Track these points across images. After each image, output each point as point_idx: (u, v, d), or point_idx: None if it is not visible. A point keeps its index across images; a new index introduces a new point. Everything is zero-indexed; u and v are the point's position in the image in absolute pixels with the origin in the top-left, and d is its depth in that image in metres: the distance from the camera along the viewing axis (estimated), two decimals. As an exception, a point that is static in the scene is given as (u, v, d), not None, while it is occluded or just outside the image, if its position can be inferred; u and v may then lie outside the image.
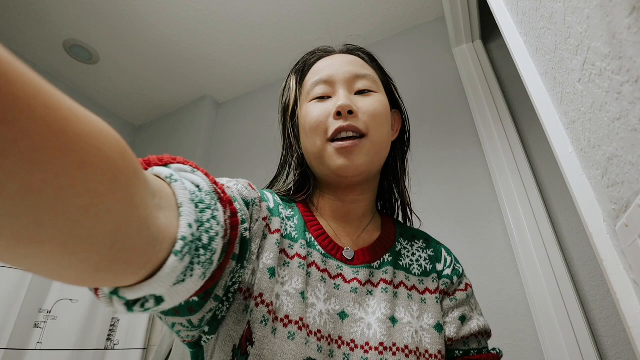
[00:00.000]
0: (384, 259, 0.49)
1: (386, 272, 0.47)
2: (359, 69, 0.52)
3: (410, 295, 0.47)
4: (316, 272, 0.44)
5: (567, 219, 1.13)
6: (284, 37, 1.88)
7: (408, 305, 0.46)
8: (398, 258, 0.50)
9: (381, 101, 0.50)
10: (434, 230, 1.34)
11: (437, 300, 0.48)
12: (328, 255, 0.46)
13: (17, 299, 1.16)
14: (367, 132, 0.47)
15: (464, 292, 0.51)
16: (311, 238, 0.47)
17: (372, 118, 0.48)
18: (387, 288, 0.45)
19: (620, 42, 0.29)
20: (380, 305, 0.44)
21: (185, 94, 2.25)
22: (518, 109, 1.38)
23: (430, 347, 0.43)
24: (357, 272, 0.46)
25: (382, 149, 0.50)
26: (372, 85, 0.51)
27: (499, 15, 0.68)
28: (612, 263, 0.39)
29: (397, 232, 0.55)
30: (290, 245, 0.45)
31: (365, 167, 0.47)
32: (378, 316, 0.43)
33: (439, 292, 0.49)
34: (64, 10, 1.70)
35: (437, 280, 0.50)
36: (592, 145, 0.40)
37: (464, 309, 0.49)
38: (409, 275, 0.49)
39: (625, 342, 0.93)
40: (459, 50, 1.58)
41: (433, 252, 0.54)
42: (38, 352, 1.19)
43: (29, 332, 1.19)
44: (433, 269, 0.51)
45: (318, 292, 0.42)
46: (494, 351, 0.49)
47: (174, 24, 1.79)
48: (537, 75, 0.56)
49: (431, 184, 1.40)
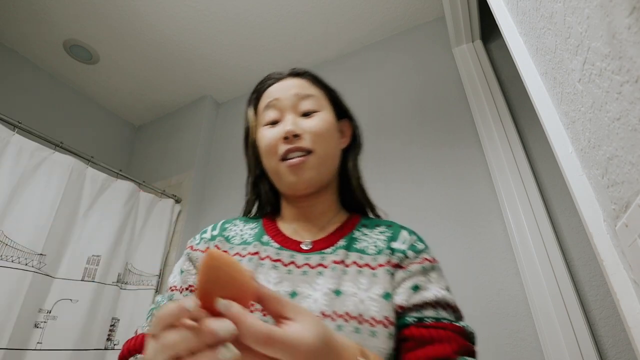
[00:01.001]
0: (337, 244, 0.55)
1: (337, 255, 0.53)
2: (303, 91, 0.60)
3: (360, 272, 0.51)
4: (269, 262, 0.53)
5: (567, 219, 1.13)
6: (284, 37, 1.88)
7: (356, 279, 0.50)
8: (353, 242, 0.56)
9: (324, 119, 0.59)
10: (434, 230, 1.34)
11: (388, 272, 0.51)
12: (283, 248, 0.55)
13: (17, 299, 1.15)
14: (312, 148, 0.55)
15: (420, 265, 0.52)
16: (268, 239, 0.57)
17: (316, 136, 0.56)
18: (336, 267, 0.51)
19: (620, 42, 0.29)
20: (327, 282, 0.49)
21: (185, 94, 2.25)
22: (518, 109, 1.38)
23: (377, 314, 0.46)
24: (308, 258, 0.53)
25: (329, 161, 0.58)
26: (315, 105, 0.59)
27: (499, 15, 0.68)
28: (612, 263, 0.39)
29: (359, 223, 0.60)
30: (245, 248, 0.56)
31: (315, 181, 0.56)
32: (324, 291, 0.48)
33: (391, 265, 0.52)
34: (64, 10, 1.70)
35: (390, 255, 0.53)
36: (592, 145, 0.40)
37: (417, 279, 0.51)
38: (363, 255, 0.54)
39: (625, 342, 0.93)
40: (459, 50, 1.58)
41: (392, 233, 0.58)
42: (38, 352, 1.19)
43: (29, 332, 1.19)
44: (388, 247, 0.55)
45: (269, 277, 0.51)
46: (459, 324, 0.47)
47: (174, 24, 1.79)
48: (537, 75, 0.56)
49: (431, 184, 1.40)
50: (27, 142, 1.31)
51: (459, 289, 1.19)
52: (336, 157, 0.60)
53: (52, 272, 1.29)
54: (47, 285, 1.27)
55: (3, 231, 1.18)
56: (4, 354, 1.10)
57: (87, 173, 1.49)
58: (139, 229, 1.66)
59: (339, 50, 1.97)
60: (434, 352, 0.44)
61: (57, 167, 1.37)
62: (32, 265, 1.21)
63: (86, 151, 1.59)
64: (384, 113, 1.67)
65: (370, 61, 1.88)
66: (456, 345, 0.44)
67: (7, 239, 1.18)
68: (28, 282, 1.19)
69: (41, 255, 1.25)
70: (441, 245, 1.28)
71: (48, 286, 1.27)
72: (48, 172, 1.34)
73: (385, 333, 0.45)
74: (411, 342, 0.45)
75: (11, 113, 1.34)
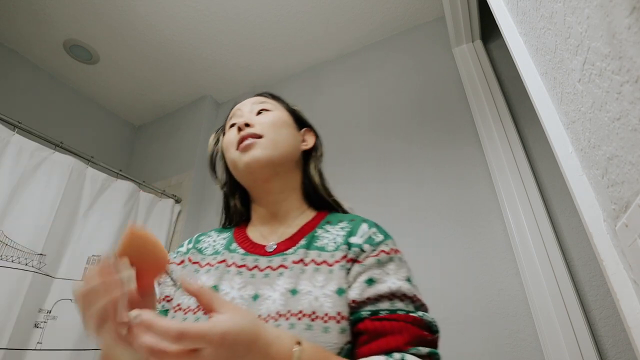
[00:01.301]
0: (299, 244, 0.57)
1: (297, 254, 0.55)
2: (258, 99, 0.69)
3: (317, 269, 0.53)
4: (234, 269, 0.56)
5: (567, 219, 1.13)
6: (284, 37, 1.88)
7: (313, 277, 0.52)
8: (313, 241, 0.57)
9: (277, 115, 0.66)
10: (434, 230, 1.35)
11: (342, 267, 0.52)
12: (248, 254, 0.58)
13: (17, 299, 1.15)
14: (263, 134, 0.61)
15: (375, 258, 0.53)
16: (235, 246, 0.61)
17: (268, 125, 0.63)
18: (294, 267, 0.53)
19: (620, 42, 0.29)
20: (286, 282, 0.51)
21: (185, 94, 2.25)
22: (518, 109, 1.38)
23: (330, 310, 0.47)
24: (271, 261, 0.56)
25: (280, 144, 0.62)
26: (270, 107, 0.67)
27: (499, 15, 0.68)
28: (612, 263, 0.39)
29: (324, 220, 0.62)
30: (215, 257, 0.60)
31: (265, 159, 0.60)
32: (281, 291, 0.50)
33: (347, 260, 0.53)
34: (64, 10, 1.70)
35: (347, 250, 0.54)
36: (592, 145, 0.40)
37: (372, 272, 0.51)
38: (322, 252, 0.55)
39: (625, 342, 0.93)
40: (459, 50, 1.58)
41: (352, 227, 0.58)
42: (38, 352, 1.19)
43: (29, 332, 1.19)
44: (345, 242, 0.56)
45: (234, 283, 0.54)
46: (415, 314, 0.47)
47: (174, 24, 1.79)
48: (537, 75, 0.56)
49: (431, 184, 1.40)
50: (27, 142, 1.31)
51: (459, 289, 1.19)
52: (291, 147, 0.64)
53: (52, 272, 1.29)
54: (47, 285, 1.27)
55: (3, 231, 1.18)
56: (4, 354, 1.10)
57: (87, 173, 1.49)
58: (139, 229, 1.65)
59: (339, 50, 1.97)
60: (385, 344, 0.44)
61: (57, 167, 1.37)
62: (32, 265, 1.21)
63: (86, 151, 1.59)
64: (384, 113, 1.67)
65: (370, 61, 1.88)
66: (408, 336, 0.45)
67: (7, 239, 1.18)
68: (28, 282, 1.19)
69: (41, 255, 1.25)
70: (441, 245, 1.28)
71: (48, 286, 1.27)
72: (48, 172, 1.34)
73: (337, 328, 0.46)
74: (365, 336, 0.46)
75: (11, 113, 1.34)
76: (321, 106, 1.89)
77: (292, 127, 0.68)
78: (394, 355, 0.42)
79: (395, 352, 0.43)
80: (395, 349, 0.43)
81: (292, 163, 0.65)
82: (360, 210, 0.68)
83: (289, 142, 0.65)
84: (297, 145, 0.67)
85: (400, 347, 0.44)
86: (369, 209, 1.50)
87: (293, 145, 0.66)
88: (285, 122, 0.66)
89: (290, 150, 0.64)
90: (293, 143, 0.66)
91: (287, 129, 0.66)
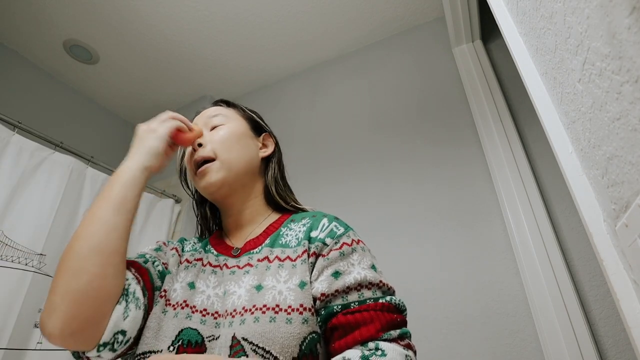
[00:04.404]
0: (264, 243, 0.60)
1: (262, 253, 0.58)
2: (214, 112, 0.72)
3: (281, 265, 0.55)
4: (209, 268, 0.61)
5: (567, 219, 1.13)
6: (284, 37, 1.88)
7: (277, 273, 0.54)
8: (277, 239, 0.60)
9: (230, 128, 0.68)
10: (434, 230, 1.35)
11: (304, 262, 0.54)
12: (220, 255, 0.63)
13: (17, 299, 1.15)
14: (215, 156, 0.64)
15: (338, 251, 0.54)
16: (209, 248, 0.65)
17: (220, 144, 0.65)
18: (259, 265, 0.56)
19: (620, 42, 0.29)
20: (251, 279, 0.54)
21: (185, 94, 2.24)
22: (518, 109, 1.38)
23: (293, 302, 0.49)
24: (238, 261, 0.59)
25: (235, 162, 0.65)
26: (223, 120, 0.69)
27: (499, 15, 0.68)
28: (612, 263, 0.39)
29: (288, 219, 0.65)
30: (192, 254, 0.64)
31: (221, 182, 0.63)
32: (247, 287, 0.53)
33: (310, 254, 0.55)
34: (64, 10, 1.70)
35: (308, 245, 0.56)
36: (592, 145, 0.40)
37: (337, 265, 0.53)
38: (285, 249, 0.58)
39: (625, 342, 0.93)
40: (459, 50, 1.58)
41: (312, 223, 0.60)
42: (38, 352, 1.19)
43: (29, 332, 1.19)
44: (306, 237, 0.58)
45: (208, 282, 0.58)
46: (383, 300, 0.50)
47: (174, 24, 1.79)
48: (537, 75, 0.56)
49: (431, 183, 1.40)
50: (27, 142, 1.31)
51: (459, 289, 1.19)
52: (246, 161, 0.67)
53: (52, 272, 1.29)
54: (47, 285, 1.26)
55: (3, 231, 1.18)
56: (4, 354, 1.09)
57: (87, 173, 1.49)
58: (139, 228, 1.66)
59: (339, 50, 1.97)
60: (359, 335, 0.46)
61: (57, 167, 1.37)
62: (32, 265, 1.21)
63: (86, 151, 1.59)
64: (384, 113, 1.67)
65: (370, 61, 1.88)
66: (379, 324, 0.47)
67: (7, 239, 1.18)
68: (28, 282, 1.19)
69: (41, 255, 1.25)
70: (441, 245, 1.28)
71: (48, 286, 1.27)
72: (48, 172, 1.34)
73: (300, 319, 0.48)
74: (340, 330, 0.48)
75: (11, 113, 1.34)
76: (321, 106, 1.89)
77: (248, 137, 0.70)
78: (368, 344, 0.45)
79: (370, 342, 0.46)
80: (368, 339, 0.46)
81: (251, 174, 0.68)
82: (360, 210, 0.68)
83: (245, 157, 0.67)
84: (254, 156, 0.69)
85: (373, 335, 0.46)
86: (369, 209, 1.50)
87: (249, 157, 0.68)
88: (240, 134, 0.69)
89: (246, 164, 0.67)
90: (249, 155, 0.68)
91: (242, 141, 0.68)
